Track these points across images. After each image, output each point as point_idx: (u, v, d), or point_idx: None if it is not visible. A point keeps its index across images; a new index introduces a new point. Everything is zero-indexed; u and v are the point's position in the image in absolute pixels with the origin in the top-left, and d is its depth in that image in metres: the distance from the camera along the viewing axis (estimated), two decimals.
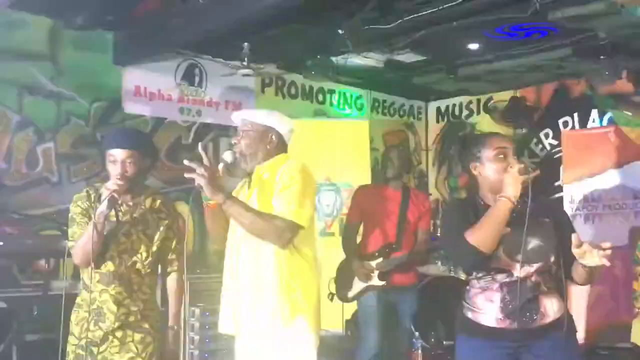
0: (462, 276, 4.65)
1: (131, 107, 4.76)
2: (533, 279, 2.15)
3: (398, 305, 3.82)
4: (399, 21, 4.25)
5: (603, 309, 4.38)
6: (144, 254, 2.65)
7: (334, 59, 5.06)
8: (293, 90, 5.85)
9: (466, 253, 2.12)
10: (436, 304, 4.56)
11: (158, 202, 2.73)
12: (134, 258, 2.64)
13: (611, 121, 5.47)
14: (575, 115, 5.74)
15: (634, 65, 5.16)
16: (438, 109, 6.97)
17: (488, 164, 2.20)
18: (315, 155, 5.54)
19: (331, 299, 4.03)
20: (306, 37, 4.67)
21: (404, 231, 3.80)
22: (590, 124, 5.62)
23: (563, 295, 2.19)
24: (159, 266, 2.77)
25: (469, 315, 2.22)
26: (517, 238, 2.11)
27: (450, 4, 3.86)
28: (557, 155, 5.77)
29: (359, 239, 3.96)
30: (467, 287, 2.28)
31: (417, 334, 4.62)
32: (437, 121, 6.99)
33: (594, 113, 5.62)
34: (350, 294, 3.83)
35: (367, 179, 5.20)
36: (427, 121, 7.06)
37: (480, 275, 2.20)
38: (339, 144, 5.62)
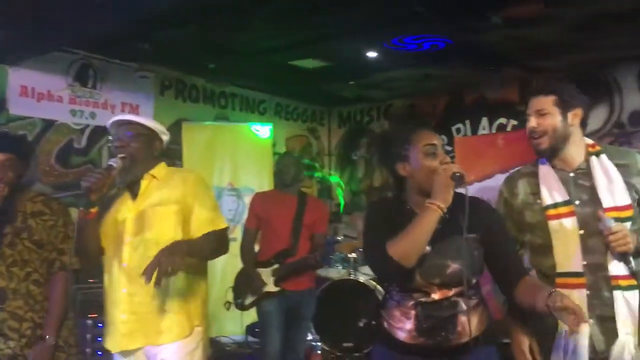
0: (362, 278, 4.79)
1: (17, 109, 4.47)
2: (452, 298, 1.96)
3: (298, 309, 3.83)
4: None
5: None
6: (37, 262, 2.51)
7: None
8: (194, 94, 5.74)
9: (384, 264, 1.91)
10: (336, 308, 4.62)
11: (38, 204, 2.58)
12: (27, 269, 2.50)
13: (500, 128, 5.80)
14: (467, 122, 6.03)
15: (521, 76, 5.52)
16: (340, 114, 7.10)
17: (417, 163, 1.95)
18: (216, 160, 5.51)
19: (228, 308, 4.01)
20: (208, 39, 4.60)
21: (300, 236, 3.82)
22: (480, 131, 5.93)
23: (487, 309, 2.05)
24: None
25: (386, 325, 2.06)
26: (436, 261, 1.93)
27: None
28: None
29: (258, 247, 3.95)
30: (387, 296, 2.12)
31: (317, 337, 4.68)
32: (340, 127, 7.12)
33: (484, 120, 5.93)
34: (247, 302, 3.82)
35: (269, 184, 5.19)
36: (330, 127, 7.17)
37: (397, 288, 2.04)
38: (241, 149, 5.59)
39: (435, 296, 1.96)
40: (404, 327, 2.00)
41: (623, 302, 2.01)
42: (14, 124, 4.47)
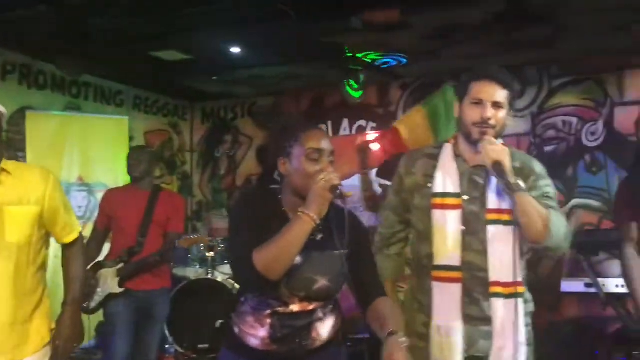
0: (219, 278, 4.71)
1: None
2: (312, 310, 1.91)
3: (149, 310, 3.66)
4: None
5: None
6: None
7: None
8: (41, 80, 5.30)
9: (247, 273, 1.78)
10: (192, 308, 4.49)
11: None
12: None
13: (360, 130, 5.99)
14: (330, 122, 6.16)
15: (380, 80, 5.74)
16: (204, 110, 6.93)
17: (297, 165, 1.81)
18: (65, 153, 5.13)
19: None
20: (60, 22, 4.25)
21: (147, 233, 3.65)
22: (342, 132, 6.08)
23: (340, 310, 2.03)
24: None
25: (236, 331, 1.96)
26: (305, 274, 1.84)
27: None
28: None
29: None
30: (241, 300, 1.96)
31: (171, 339, 4.51)
32: (203, 122, 6.95)
33: (345, 122, 6.09)
34: (92, 305, 3.57)
35: (125, 180, 4.93)
36: (193, 122, 6.98)
37: (254, 295, 1.91)
38: (94, 142, 5.26)
39: (295, 308, 1.88)
40: (257, 335, 1.91)
41: (502, 309, 1.96)
42: None
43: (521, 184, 1.93)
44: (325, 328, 1.93)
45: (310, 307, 1.89)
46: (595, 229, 4.95)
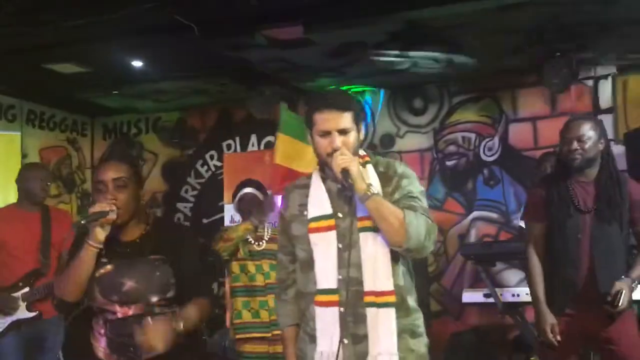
0: None
1: None
2: (136, 315, 2.10)
3: (43, 338, 3.44)
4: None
5: None
6: None
7: None
8: None
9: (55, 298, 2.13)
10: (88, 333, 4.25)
11: None
12: None
13: (268, 145, 5.96)
14: (237, 138, 6.09)
15: (287, 96, 5.74)
16: (105, 125, 6.65)
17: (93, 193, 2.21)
18: None
19: None
20: None
21: (50, 255, 3.47)
22: (250, 148, 6.03)
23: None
24: None
25: (93, 343, 2.17)
26: (113, 279, 2.10)
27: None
28: (221, 177, 6.05)
29: None
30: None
31: None
32: (105, 138, 6.66)
33: (254, 137, 6.04)
34: None
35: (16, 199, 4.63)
36: (94, 138, 6.67)
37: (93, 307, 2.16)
38: None
39: (119, 314, 2.08)
40: (100, 345, 2.13)
41: (376, 319, 1.95)
42: None
43: (374, 188, 1.95)
44: (155, 338, 2.05)
45: (130, 312, 2.09)
46: (493, 241, 5.17)
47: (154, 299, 2.11)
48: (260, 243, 3.53)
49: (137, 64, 4.84)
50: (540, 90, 5.12)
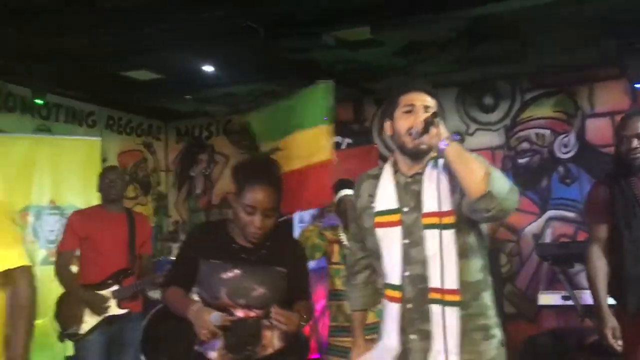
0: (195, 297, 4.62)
1: None
2: (256, 317, 2.14)
3: (124, 334, 3.58)
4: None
5: None
6: None
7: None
8: (11, 102, 5.20)
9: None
10: (166, 332, 4.42)
11: None
12: None
13: (335, 146, 5.97)
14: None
15: (355, 96, 5.75)
16: (178, 129, 6.87)
17: (238, 211, 2.07)
18: (35, 177, 5.02)
19: (62, 340, 3.59)
20: (26, 43, 4.19)
21: (135, 256, 3.62)
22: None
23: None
24: None
25: (197, 348, 2.15)
26: (243, 283, 2.11)
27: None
28: None
29: (76, 269, 3.63)
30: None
31: None
32: (177, 142, 6.89)
33: None
34: (84, 329, 3.45)
35: (98, 202, 4.85)
36: (167, 141, 6.91)
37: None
38: (65, 164, 5.16)
39: (239, 314, 2.10)
40: (214, 347, 2.10)
41: (441, 317, 1.90)
42: None
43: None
44: (273, 338, 2.15)
45: (252, 314, 2.12)
46: (571, 241, 4.97)
47: (277, 306, 2.10)
48: None
49: (208, 69, 4.97)
50: (619, 83, 4.89)
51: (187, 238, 2.39)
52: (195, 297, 2.20)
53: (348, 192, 3.48)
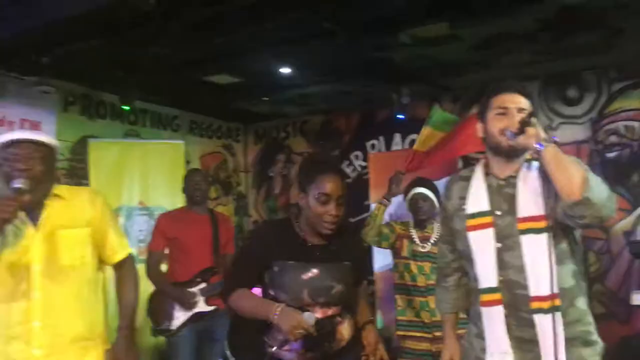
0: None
1: None
2: (333, 315, 2.22)
3: (212, 330, 3.71)
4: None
5: None
6: None
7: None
8: (102, 110, 5.50)
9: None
10: (251, 328, 4.52)
11: None
12: None
13: (414, 143, 5.93)
14: (381, 138, 6.13)
15: (431, 93, 5.68)
16: (256, 131, 7.03)
17: (312, 204, 2.14)
18: (126, 179, 5.29)
19: (155, 335, 3.79)
20: (115, 53, 4.42)
21: (219, 255, 3.76)
22: (394, 147, 6.04)
23: (354, 318, 2.34)
24: None
25: (274, 350, 2.17)
26: (324, 282, 2.17)
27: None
28: (367, 176, 6.12)
29: (165, 267, 3.81)
30: (267, 323, 2.16)
31: (232, 359, 4.55)
32: (256, 143, 7.05)
33: (397, 136, 6.05)
34: (175, 325, 3.62)
35: (182, 203, 5.04)
36: (246, 143, 7.08)
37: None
38: (152, 167, 5.41)
39: (318, 314, 2.14)
40: (291, 348, 2.14)
41: (544, 326, 1.85)
42: None
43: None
44: (345, 331, 2.25)
45: (330, 312, 2.18)
46: None
47: (350, 301, 2.23)
48: (425, 245, 3.49)
49: (286, 71, 5.06)
50: None
51: (253, 239, 2.43)
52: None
53: (421, 190, 3.51)
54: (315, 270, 2.16)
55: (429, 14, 3.79)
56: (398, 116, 5.45)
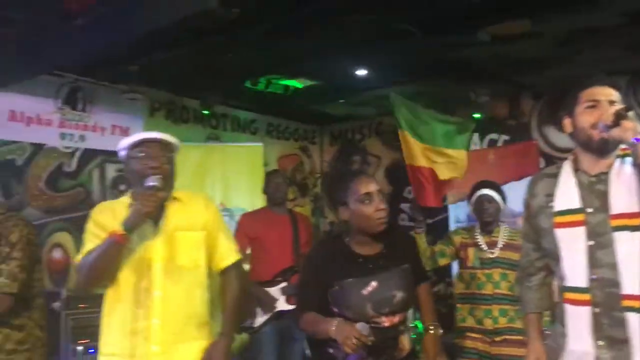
0: None
1: (5, 133, 4.45)
2: (399, 323, 2.24)
3: (293, 329, 3.79)
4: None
5: None
6: None
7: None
8: (185, 115, 5.73)
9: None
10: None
11: None
12: None
13: (492, 143, 5.82)
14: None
15: (510, 92, 5.55)
16: (332, 132, 7.10)
17: (355, 208, 2.21)
18: (207, 181, 5.49)
19: (239, 332, 3.91)
20: (197, 60, 4.61)
21: (300, 255, 3.82)
22: (471, 146, 5.91)
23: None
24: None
25: (332, 351, 2.22)
26: (385, 293, 2.19)
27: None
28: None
29: (247, 266, 3.92)
30: None
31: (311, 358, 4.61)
32: (331, 145, 7.12)
33: (475, 136, 5.93)
34: (257, 323, 3.73)
35: (261, 204, 5.17)
36: (322, 145, 7.17)
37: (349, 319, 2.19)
38: (232, 169, 5.58)
39: (385, 324, 2.19)
40: (356, 352, 2.11)
41: (636, 325, 1.80)
42: (3, 149, 4.44)
43: None
44: (406, 340, 2.26)
45: (396, 320, 2.21)
46: None
47: (412, 305, 2.26)
48: (493, 250, 3.35)
49: (362, 72, 5.09)
50: None
51: (310, 262, 2.41)
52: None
53: (486, 191, 3.41)
54: (374, 284, 2.19)
55: (509, 10, 3.71)
56: (475, 116, 5.35)
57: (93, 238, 2.20)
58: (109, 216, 2.22)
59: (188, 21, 3.47)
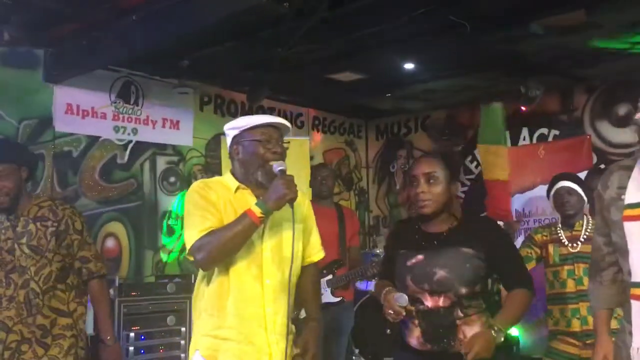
0: None
1: (63, 126, 4.61)
2: (447, 307, 2.20)
3: (337, 321, 3.82)
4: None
5: None
6: (33, 270, 2.48)
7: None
8: (233, 108, 5.82)
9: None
10: (374, 321, 4.59)
11: (44, 209, 2.58)
12: (25, 276, 2.47)
13: (541, 138, 5.70)
14: (508, 133, 5.91)
15: (561, 85, 5.42)
16: (377, 126, 7.08)
17: (410, 187, 2.30)
18: None
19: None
20: (246, 55, 4.66)
21: (345, 248, 3.85)
22: (521, 142, 5.82)
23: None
24: (75, 280, 2.63)
25: (404, 331, 2.32)
26: (425, 268, 2.23)
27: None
28: None
29: None
30: None
31: (356, 350, 4.65)
32: (377, 139, 7.10)
33: (525, 131, 5.83)
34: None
35: (308, 197, 5.21)
36: (367, 139, 7.15)
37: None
38: None
39: (428, 304, 2.21)
40: (413, 335, 2.26)
41: None
42: (60, 141, 4.60)
43: None
44: (470, 333, 2.15)
45: (440, 301, 2.19)
46: None
47: (463, 290, 2.17)
48: (575, 244, 3.22)
49: (409, 66, 5.05)
50: None
51: (388, 235, 2.64)
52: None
53: (566, 183, 3.28)
54: (419, 257, 2.24)
55: (564, 1, 3.62)
56: (524, 109, 5.25)
57: (207, 215, 2.08)
58: (213, 194, 2.14)
59: (238, 16, 3.53)
